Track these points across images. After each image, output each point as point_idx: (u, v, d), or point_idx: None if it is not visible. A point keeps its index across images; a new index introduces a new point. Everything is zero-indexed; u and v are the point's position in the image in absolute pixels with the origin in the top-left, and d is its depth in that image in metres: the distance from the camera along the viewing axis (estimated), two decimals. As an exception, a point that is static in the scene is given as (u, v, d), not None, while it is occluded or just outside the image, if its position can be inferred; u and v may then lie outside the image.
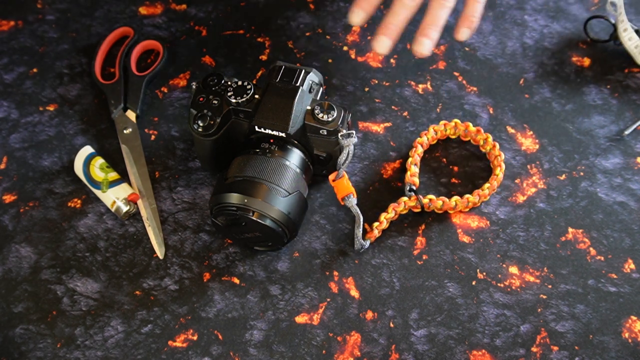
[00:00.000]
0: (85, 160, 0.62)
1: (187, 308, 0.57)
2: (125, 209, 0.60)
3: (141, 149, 0.64)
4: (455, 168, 0.63)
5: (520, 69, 0.69)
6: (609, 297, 0.56)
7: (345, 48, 0.71)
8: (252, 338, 0.55)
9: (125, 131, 0.65)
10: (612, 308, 0.56)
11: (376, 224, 0.59)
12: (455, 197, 0.60)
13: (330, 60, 0.70)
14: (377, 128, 0.66)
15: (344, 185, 0.57)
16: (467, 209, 0.60)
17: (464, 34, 0.59)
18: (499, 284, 0.57)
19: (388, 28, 0.58)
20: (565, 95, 0.67)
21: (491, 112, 0.66)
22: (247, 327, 0.56)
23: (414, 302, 0.57)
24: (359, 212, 0.58)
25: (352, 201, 0.58)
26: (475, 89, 0.68)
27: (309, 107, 0.55)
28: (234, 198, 0.53)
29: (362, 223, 0.57)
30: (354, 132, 0.54)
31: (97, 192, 0.61)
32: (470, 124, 0.63)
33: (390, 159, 0.64)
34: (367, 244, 0.58)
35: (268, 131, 0.55)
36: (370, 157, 0.64)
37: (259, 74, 0.70)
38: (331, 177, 0.58)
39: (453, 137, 0.65)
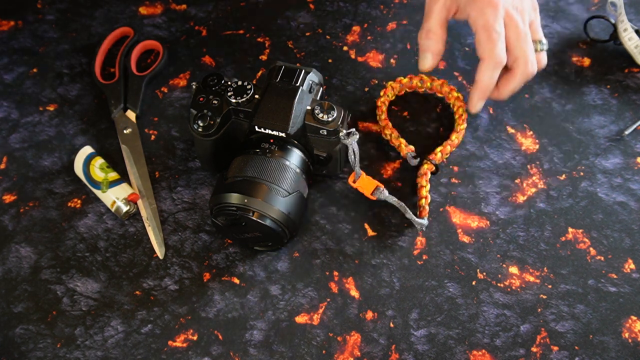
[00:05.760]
0: (85, 160, 0.62)
1: (187, 308, 0.57)
2: (125, 209, 0.60)
3: (141, 149, 0.64)
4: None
5: (520, 69, 0.69)
6: (609, 297, 0.56)
7: (345, 48, 0.71)
8: (252, 338, 0.55)
9: (125, 131, 0.65)
10: (612, 308, 0.56)
11: (422, 201, 0.59)
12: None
13: (330, 60, 0.70)
14: (377, 128, 0.66)
15: (367, 182, 0.58)
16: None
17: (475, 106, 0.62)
18: (499, 284, 0.57)
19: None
20: (565, 95, 0.67)
21: (491, 112, 0.66)
22: (247, 327, 0.56)
23: (414, 302, 0.57)
24: (396, 199, 0.58)
25: (384, 192, 0.58)
26: (475, 89, 0.68)
27: (309, 107, 0.55)
28: (234, 198, 0.53)
29: (406, 207, 0.57)
30: (354, 129, 0.54)
31: (97, 192, 0.61)
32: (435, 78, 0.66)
33: (390, 158, 0.64)
34: (425, 221, 0.58)
35: (268, 131, 0.55)
36: (370, 157, 0.64)
37: (259, 74, 0.70)
38: (350, 180, 0.58)
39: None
